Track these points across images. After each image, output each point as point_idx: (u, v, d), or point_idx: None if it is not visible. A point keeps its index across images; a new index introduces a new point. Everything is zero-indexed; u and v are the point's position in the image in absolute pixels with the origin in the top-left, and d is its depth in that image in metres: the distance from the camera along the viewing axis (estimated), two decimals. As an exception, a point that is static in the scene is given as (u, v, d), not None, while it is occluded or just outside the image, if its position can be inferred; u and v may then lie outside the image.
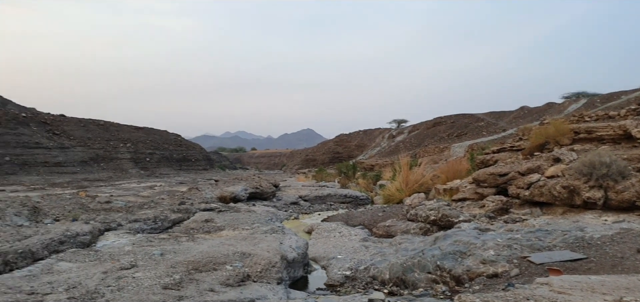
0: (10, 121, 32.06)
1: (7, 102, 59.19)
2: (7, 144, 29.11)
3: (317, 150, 77.22)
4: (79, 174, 29.38)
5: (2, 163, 27.19)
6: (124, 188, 22.65)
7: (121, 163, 33.47)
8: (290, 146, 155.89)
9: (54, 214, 11.41)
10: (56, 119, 36.99)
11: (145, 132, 41.68)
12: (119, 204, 13.98)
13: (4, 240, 7.61)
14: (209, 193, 18.81)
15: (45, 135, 32.34)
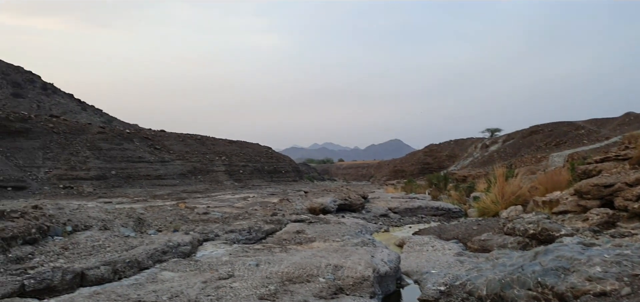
0: (116, 137, 34.39)
1: (112, 120, 63.69)
2: (114, 159, 31.21)
3: (405, 161, 76.28)
4: (178, 186, 30.91)
5: (108, 177, 29.17)
6: (220, 199, 23.54)
7: (216, 175, 34.85)
8: (377, 157, 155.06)
9: (156, 225, 12.05)
10: (157, 135, 39.21)
11: (239, 145, 43.17)
12: (216, 215, 14.52)
13: (113, 250, 8.15)
14: (299, 204, 19.09)
15: (147, 150, 34.35)
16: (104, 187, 27.70)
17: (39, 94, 61.75)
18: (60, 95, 64.27)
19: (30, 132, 30.76)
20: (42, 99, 60.55)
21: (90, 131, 33.81)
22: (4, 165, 26.77)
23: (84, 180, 27.85)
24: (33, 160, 28.70)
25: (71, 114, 55.25)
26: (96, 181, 28.10)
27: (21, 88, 60.33)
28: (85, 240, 8.87)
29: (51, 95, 62.66)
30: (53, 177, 27.47)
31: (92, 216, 11.34)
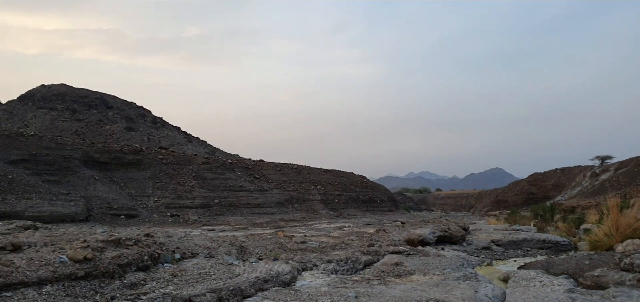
0: (218, 167, 35.97)
1: (216, 150, 66.70)
2: (217, 188, 32.61)
3: (508, 190, 73.06)
4: (276, 214, 31.66)
5: (212, 205, 30.47)
6: (316, 228, 23.78)
7: (312, 204, 35.34)
8: (477, 186, 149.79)
9: (257, 253, 12.37)
10: (256, 164, 40.55)
11: (334, 175, 43.56)
12: (313, 245, 14.66)
13: (218, 277, 8.44)
14: (396, 235, 18.81)
15: (247, 179, 35.59)
16: (207, 215, 28.96)
17: (149, 127, 66.14)
18: (168, 128, 68.40)
19: (141, 163, 32.94)
20: (152, 132, 64.76)
21: (196, 162, 35.60)
22: (118, 194, 28.81)
23: (189, 208, 29.29)
24: (144, 189, 30.66)
25: (178, 146, 58.58)
26: (200, 209, 29.45)
27: (134, 122, 64.93)
28: (192, 267, 9.28)
29: (160, 128, 66.84)
30: (161, 206, 29.14)
31: (198, 244, 11.86)
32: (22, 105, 65.08)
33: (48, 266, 7.64)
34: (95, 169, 30.25)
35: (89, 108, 64.94)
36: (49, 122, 59.94)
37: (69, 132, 54.03)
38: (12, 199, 22.25)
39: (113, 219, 25.43)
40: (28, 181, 24.88)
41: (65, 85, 69.66)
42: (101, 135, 55.50)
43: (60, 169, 28.35)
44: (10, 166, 26.27)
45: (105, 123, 62.27)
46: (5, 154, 27.29)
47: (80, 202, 24.69)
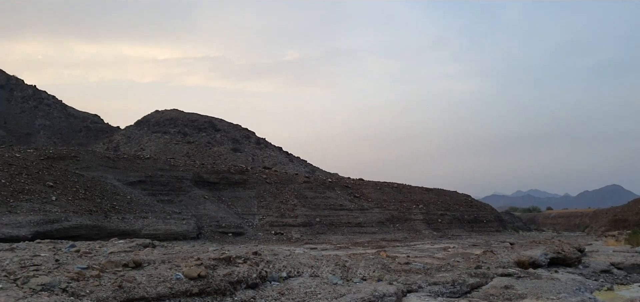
0: (319, 186, 36.45)
1: (315, 169, 67.76)
2: (317, 206, 33.04)
3: (628, 209, 67.45)
4: (377, 234, 31.47)
5: (313, 223, 30.90)
6: (419, 249, 23.32)
7: (414, 224, 34.75)
8: (592, 205, 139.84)
9: (361, 273, 12.33)
10: (356, 183, 40.64)
11: (436, 194, 42.60)
12: (417, 266, 14.37)
13: (323, 297, 8.51)
14: (505, 257, 17.98)
15: (347, 198, 35.74)
16: (309, 234, 29.39)
17: (253, 148, 68.60)
18: (271, 148, 70.56)
19: (247, 182, 34.17)
20: (256, 152, 67.10)
21: (297, 181, 36.36)
22: (226, 213, 30.05)
23: (292, 226, 29.91)
24: (249, 208, 31.75)
25: (280, 165, 60.18)
26: (303, 228, 29.96)
27: (239, 144, 67.68)
28: (298, 286, 9.43)
29: (263, 149, 69.10)
30: (266, 224, 30.01)
31: (303, 263, 12.05)
32: (139, 130, 70.04)
33: (166, 282, 8.09)
34: (205, 189, 31.78)
35: (198, 131, 68.57)
36: (163, 145, 64.00)
37: (180, 154, 57.37)
38: (131, 218, 23.90)
39: (221, 236, 26.54)
40: (145, 201, 26.63)
41: (177, 110, 74.14)
42: (210, 157, 58.36)
43: (173, 189, 30.09)
44: (129, 187, 28.27)
45: (213, 145, 65.42)
46: (124, 176, 29.42)
47: (192, 221, 26.01)
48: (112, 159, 31.68)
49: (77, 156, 30.13)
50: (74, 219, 21.31)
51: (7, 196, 20.93)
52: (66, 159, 29.42)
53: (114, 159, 31.70)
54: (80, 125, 77.30)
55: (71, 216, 21.43)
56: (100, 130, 77.22)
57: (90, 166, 29.18)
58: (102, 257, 9.63)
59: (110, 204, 24.01)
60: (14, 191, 21.43)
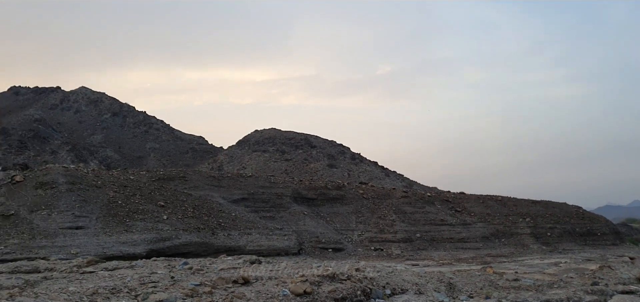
0: (418, 201, 35.81)
1: (413, 183, 66.73)
2: (417, 222, 32.45)
3: None
4: (482, 249, 30.33)
5: (414, 239, 30.38)
6: (528, 264, 22.19)
7: (521, 238, 33.10)
8: None
9: (467, 290, 11.90)
10: (457, 197, 39.47)
11: (543, 206, 40.34)
12: (527, 282, 13.64)
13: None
14: (625, 272, 16.61)
15: (448, 213, 34.79)
16: (410, 250, 28.92)
17: (349, 163, 68.87)
18: (366, 163, 70.46)
19: (344, 198, 34.31)
20: (351, 168, 67.32)
21: (395, 196, 35.96)
22: (325, 229, 30.33)
23: (392, 242, 29.58)
24: (348, 223, 31.83)
25: (376, 180, 59.90)
26: (403, 244, 29.54)
27: (334, 159, 68.27)
28: (404, 304, 9.25)
29: (359, 164, 69.16)
30: (365, 240, 29.92)
31: (406, 279, 11.84)
32: (240, 150, 72.80)
33: (273, 298, 8.26)
34: (304, 205, 32.31)
35: (295, 148, 70.08)
36: (263, 163, 66.03)
37: (279, 172, 58.87)
38: (236, 235, 24.78)
39: (322, 252, 26.80)
40: (248, 218, 27.53)
41: (274, 129, 76.30)
42: (307, 173, 59.36)
43: (274, 206, 30.88)
44: (233, 204, 29.38)
45: (310, 162, 66.53)
46: (229, 193, 30.62)
47: (293, 237, 26.51)
48: (217, 178, 33.11)
49: (185, 177, 31.81)
50: (183, 237, 22.47)
51: (124, 216, 22.48)
52: (175, 179, 31.17)
53: (218, 178, 33.12)
54: (186, 147, 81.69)
55: (181, 233, 22.60)
56: (205, 151, 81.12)
57: (197, 185, 30.70)
58: (213, 273, 10.03)
59: (216, 221, 25.06)
60: (129, 211, 22.98)
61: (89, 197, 22.93)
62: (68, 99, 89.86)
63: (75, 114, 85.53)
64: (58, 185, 23.08)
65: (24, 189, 23.14)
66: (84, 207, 22.05)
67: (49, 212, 21.11)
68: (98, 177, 26.08)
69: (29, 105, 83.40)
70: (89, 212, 21.87)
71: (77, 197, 22.53)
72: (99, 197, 23.27)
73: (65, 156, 64.19)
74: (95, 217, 21.61)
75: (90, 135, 79.29)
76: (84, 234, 20.39)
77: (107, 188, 24.48)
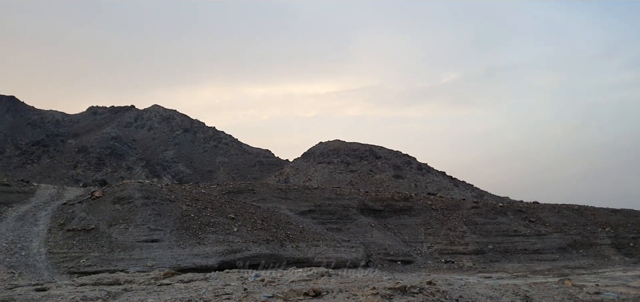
0: (489, 211, 34.77)
1: (483, 194, 64.91)
2: (489, 233, 31.48)
3: None
4: (558, 261, 29.01)
5: (486, 251, 29.47)
6: (609, 277, 21.05)
7: (601, 249, 31.40)
8: None
9: (546, 304, 11.40)
10: (530, 207, 38.02)
11: (625, 215, 38.13)
12: (610, 296, 12.94)
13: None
14: None
15: (521, 223, 33.54)
16: (482, 262, 28.10)
17: (415, 174, 67.93)
18: (433, 173, 69.25)
19: (412, 209, 33.84)
20: (418, 178, 66.36)
21: (465, 206, 35.10)
22: (393, 240, 29.99)
23: (462, 254, 28.84)
24: (416, 235, 31.34)
25: (445, 191, 58.76)
26: (474, 256, 28.74)
27: (401, 170, 67.53)
28: (479, 318, 8.96)
29: (426, 174, 68.08)
30: (435, 252, 29.33)
31: (480, 293, 11.48)
32: (305, 162, 73.44)
33: (345, 311, 8.21)
34: (370, 217, 32.13)
35: (360, 160, 69.91)
36: (328, 175, 66.31)
37: (344, 183, 58.88)
38: (304, 247, 24.92)
39: (390, 264, 26.49)
40: (315, 230, 27.65)
41: (339, 141, 76.51)
42: (372, 184, 59.03)
43: (341, 218, 30.88)
44: (301, 216, 29.62)
45: (375, 173, 66.14)
46: (296, 206, 30.92)
47: (361, 249, 26.37)
48: (284, 191, 33.53)
49: (254, 189, 32.43)
50: (253, 249, 22.83)
51: (196, 228, 23.13)
52: (244, 192, 31.84)
53: (285, 191, 33.54)
54: (254, 161, 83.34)
55: (251, 245, 22.98)
56: (272, 164, 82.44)
57: (265, 197, 31.22)
58: (284, 285, 10.11)
59: (284, 233, 25.32)
60: (201, 224, 23.62)
61: (163, 211, 23.77)
62: (142, 117, 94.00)
63: (149, 131, 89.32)
64: (134, 200, 24.08)
65: (103, 204, 24.29)
66: (159, 221, 22.86)
67: (126, 226, 22.03)
68: (171, 191, 27.00)
69: (106, 124, 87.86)
70: (163, 225, 22.65)
71: (152, 211, 23.40)
72: (172, 211, 24.07)
73: (140, 171, 67.05)
74: (169, 230, 22.35)
75: (163, 151, 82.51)
76: (159, 247, 21.12)
77: (180, 202, 25.28)
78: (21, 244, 19.58)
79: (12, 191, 25.39)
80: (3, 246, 19.21)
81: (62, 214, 22.88)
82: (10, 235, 20.16)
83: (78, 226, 21.62)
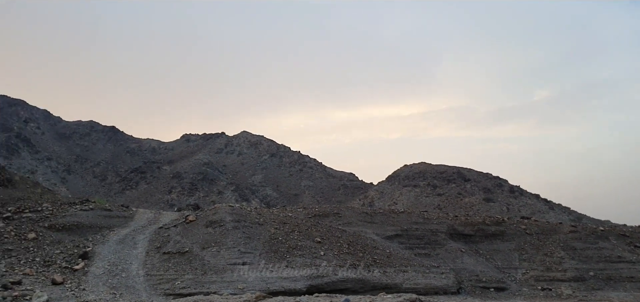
0: (589, 236, 32.59)
1: (582, 217, 61.16)
2: (590, 259, 29.49)
3: None
4: (670, 290, 26.60)
5: (587, 278, 27.60)
6: None
7: None
8: None
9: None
10: (635, 231, 35.35)
11: None
12: None
13: None
14: None
15: (626, 249, 31.18)
16: (583, 289, 26.32)
17: (507, 197, 65.36)
18: (526, 196, 66.32)
19: (504, 234, 32.39)
20: (510, 201, 63.80)
21: (562, 231, 33.15)
22: (485, 267, 28.79)
23: (561, 281, 27.17)
24: (509, 261, 29.92)
25: (539, 214, 56.03)
26: (574, 283, 26.97)
27: (491, 193, 65.20)
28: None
29: (518, 197, 65.31)
30: (530, 279, 27.82)
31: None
32: (390, 185, 72.78)
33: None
34: (460, 242, 31.11)
35: (447, 183, 68.31)
36: (414, 199, 65.26)
37: (431, 207, 57.65)
38: (391, 272, 24.46)
39: (483, 292, 25.43)
40: (403, 255, 27.11)
41: (424, 163, 75.24)
42: (461, 208, 57.42)
43: (429, 243, 30.13)
44: (387, 240, 29.20)
45: (464, 196, 64.34)
46: (382, 230, 30.55)
47: (451, 275, 25.51)
48: (370, 214, 33.26)
49: (339, 213, 32.42)
50: (340, 273, 22.71)
51: (284, 252, 23.38)
52: (330, 216, 31.90)
53: (371, 214, 33.26)
54: (338, 184, 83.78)
55: (338, 270, 22.88)
56: (356, 188, 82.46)
57: (350, 221, 31.10)
58: (375, 312, 9.88)
59: (371, 258, 25.01)
60: (289, 247, 23.85)
61: (252, 234, 24.25)
62: (231, 143, 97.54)
63: (238, 157, 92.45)
64: (225, 223, 24.77)
65: (196, 227, 25.17)
66: (249, 244, 23.34)
67: (218, 249, 22.65)
68: (260, 214, 27.53)
69: (198, 151, 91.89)
70: (253, 248, 23.09)
71: (242, 234, 23.94)
72: (261, 234, 24.51)
73: (230, 195, 69.35)
74: (258, 254, 22.74)
75: (251, 175, 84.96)
76: (249, 270, 21.51)
77: (268, 225, 25.71)
78: (122, 266, 20.66)
79: (113, 215, 26.92)
80: (106, 267, 20.36)
81: (159, 238, 23.93)
82: (112, 257, 21.34)
83: (173, 249, 22.52)
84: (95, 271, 19.95)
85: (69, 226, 23.73)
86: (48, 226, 23.13)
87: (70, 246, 21.85)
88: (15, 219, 22.99)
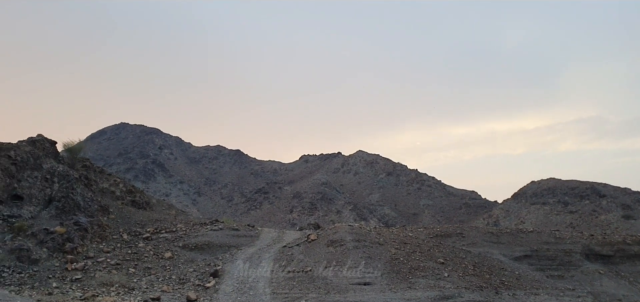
0: None
1: None
2: None
3: None
4: None
5: None
6: None
7: None
8: None
9: None
10: None
11: None
12: None
13: None
14: None
15: None
16: None
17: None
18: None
19: (650, 255, 29.36)
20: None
21: None
22: (629, 290, 26.22)
23: None
24: (657, 285, 27.01)
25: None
26: None
27: (631, 209, 59.54)
28: None
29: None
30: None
31: None
32: (516, 203, 69.12)
33: None
34: (598, 263, 28.68)
35: (580, 199, 63.54)
36: (543, 217, 61.40)
37: (563, 225, 53.89)
38: (521, 295, 23.06)
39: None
40: (533, 277, 25.48)
41: (553, 179, 70.62)
42: (597, 226, 53.06)
43: (563, 264, 28.08)
44: (515, 262, 27.62)
45: (599, 213, 59.40)
46: (509, 250, 28.98)
47: (588, 299, 23.51)
48: (495, 234, 31.73)
49: (463, 233, 31.29)
50: (466, 295, 21.79)
51: (406, 272, 22.94)
52: (452, 236, 30.87)
53: (497, 234, 31.72)
54: (459, 203, 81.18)
55: (463, 292, 21.99)
56: (479, 206, 79.37)
57: (475, 242, 29.87)
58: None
59: (499, 280, 23.79)
60: (411, 268, 23.37)
61: (373, 254, 24.10)
62: (348, 163, 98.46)
63: (355, 176, 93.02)
64: (346, 242, 24.89)
65: (317, 246, 25.54)
66: (370, 264, 23.20)
67: (340, 269, 22.77)
68: (380, 234, 27.34)
69: (316, 171, 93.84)
70: (374, 268, 22.91)
71: (363, 254, 23.88)
72: (382, 254, 24.28)
73: (348, 214, 69.88)
74: (380, 274, 22.51)
75: (368, 194, 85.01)
76: (371, 290, 21.34)
77: (389, 245, 25.42)
78: (249, 284, 21.45)
79: (240, 235, 28.16)
80: (235, 285, 21.25)
81: (283, 256, 24.59)
82: (241, 275, 22.24)
83: (297, 267, 23.01)
84: (225, 288, 20.89)
85: (201, 245, 25.19)
86: (182, 246, 24.74)
87: (202, 264, 23.15)
88: (153, 239, 24.87)
